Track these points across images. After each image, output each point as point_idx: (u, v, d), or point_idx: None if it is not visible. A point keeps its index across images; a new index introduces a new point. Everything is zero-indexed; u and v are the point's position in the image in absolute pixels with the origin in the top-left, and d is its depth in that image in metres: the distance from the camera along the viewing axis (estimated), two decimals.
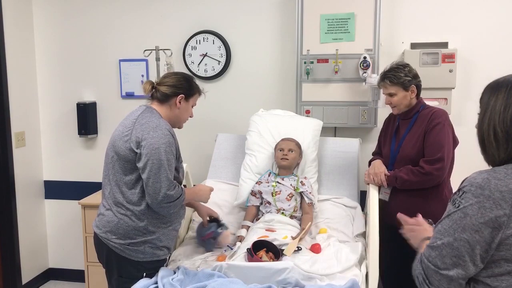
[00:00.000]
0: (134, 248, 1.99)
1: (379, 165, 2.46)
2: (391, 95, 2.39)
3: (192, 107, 2.17)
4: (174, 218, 2.09)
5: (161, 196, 1.92)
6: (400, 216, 1.53)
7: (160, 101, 2.07)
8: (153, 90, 2.08)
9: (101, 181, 3.41)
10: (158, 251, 2.05)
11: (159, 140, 1.92)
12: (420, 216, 1.51)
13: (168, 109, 2.08)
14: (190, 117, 2.20)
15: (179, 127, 2.18)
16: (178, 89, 2.07)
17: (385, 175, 2.39)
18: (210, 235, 2.18)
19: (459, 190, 1.20)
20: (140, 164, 1.93)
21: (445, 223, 1.20)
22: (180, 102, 2.08)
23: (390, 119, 2.63)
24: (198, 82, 3.26)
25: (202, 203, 2.34)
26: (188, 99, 2.11)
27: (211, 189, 2.28)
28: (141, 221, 1.99)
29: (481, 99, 1.30)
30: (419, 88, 2.40)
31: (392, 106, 2.44)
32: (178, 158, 2.07)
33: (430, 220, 1.52)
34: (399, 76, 2.34)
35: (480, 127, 1.26)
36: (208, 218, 2.34)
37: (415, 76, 2.39)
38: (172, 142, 1.98)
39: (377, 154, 2.66)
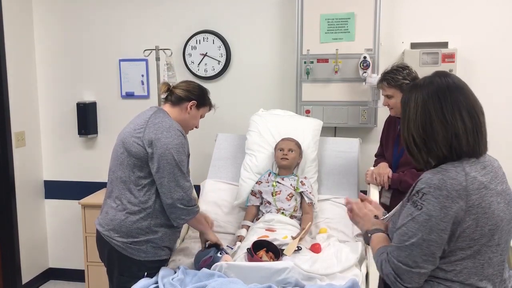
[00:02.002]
0: (137, 247, 1.99)
1: (384, 166, 2.46)
2: (388, 97, 2.39)
3: (201, 118, 2.23)
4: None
5: (176, 196, 1.96)
6: (347, 199, 1.61)
7: (172, 104, 2.12)
8: (168, 92, 2.14)
9: (101, 181, 3.47)
10: (160, 251, 2.05)
11: (172, 141, 1.95)
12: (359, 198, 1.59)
13: (179, 112, 2.11)
14: (196, 127, 2.24)
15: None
16: (192, 94, 2.13)
17: (388, 177, 2.39)
18: (208, 260, 2.02)
19: (417, 192, 1.26)
20: (153, 164, 1.95)
21: (410, 226, 1.26)
22: (191, 108, 2.12)
23: (390, 121, 2.62)
24: (198, 82, 3.29)
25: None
26: (199, 107, 2.17)
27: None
28: (145, 220, 1.99)
29: (401, 110, 1.40)
30: None
31: (390, 108, 2.43)
32: (188, 159, 2.10)
33: (384, 212, 1.58)
34: (397, 78, 2.33)
35: (402, 134, 1.37)
36: (206, 244, 2.21)
37: (414, 79, 2.36)
38: (184, 142, 2.02)
39: (379, 155, 2.66)
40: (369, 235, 1.48)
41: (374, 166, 2.59)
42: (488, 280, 1.28)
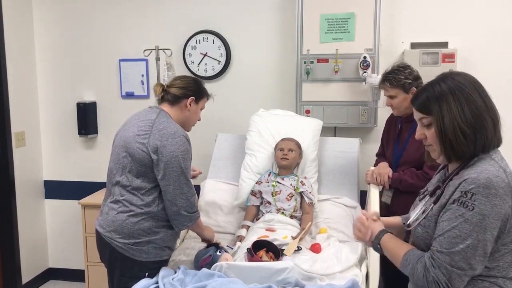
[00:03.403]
0: (138, 248, 1.99)
1: (384, 166, 2.46)
2: (391, 97, 2.38)
3: (201, 110, 2.22)
4: None
5: (180, 203, 1.97)
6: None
7: (170, 103, 2.11)
8: (163, 92, 2.12)
9: (101, 181, 3.48)
10: (161, 251, 2.05)
11: (178, 148, 1.96)
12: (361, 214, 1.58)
13: (179, 111, 2.11)
14: (198, 120, 2.24)
15: (188, 130, 2.19)
16: (188, 91, 2.12)
17: (388, 177, 2.39)
18: (207, 259, 2.04)
19: (465, 192, 1.25)
20: (159, 172, 1.95)
21: (463, 227, 1.24)
22: (190, 104, 2.12)
23: (391, 121, 2.62)
24: None
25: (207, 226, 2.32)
26: (198, 101, 2.16)
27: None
28: (147, 222, 1.99)
29: (429, 110, 1.36)
30: None
31: (393, 108, 2.43)
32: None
33: (403, 216, 1.56)
34: (399, 78, 2.33)
35: (445, 131, 1.32)
36: (206, 244, 2.24)
37: (416, 78, 2.37)
38: (189, 149, 2.03)
39: (380, 155, 2.66)
40: (378, 244, 1.47)
41: (374, 165, 2.59)
42: None
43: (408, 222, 1.47)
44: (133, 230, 1.98)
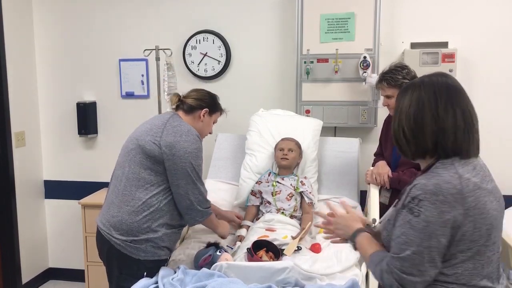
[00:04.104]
0: (136, 246, 1.99)
1: (383, 165, 2.46)
2: (388, 97, 2.38)
3: (214, 123, 2.27)
4: (179, 221, 2.11)
5: (193, 197, 2.02)
6: (317, 213, 1.67)
7: (185, 112, 2.16)
8: (179, 102, 2.17)
9: (101, 181, 3.48)
10: (160, 250, 2.05)
11: (191, 145, 2.00)
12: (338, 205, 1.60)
13: (192, 120, 2.15)
14: (210, 133, 2.28)
15: None
16: (203, 102, 2.18)
17: (388, 176, 2.39)
18: (207, 259, 2.04)
19: (413, 198, 1.25)
20: (171, 167, 1.99)
21: (409, 233, 1.24)
22: (204, 116, 2.17)
23: (389, 121, 2.62)
24: (197, 81, 3.30)
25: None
26: (211, 114, 2.22)
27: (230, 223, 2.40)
28: (147, 220, 1.99)
29: (395, 102, 1.41)
30: None
31: (389, 108, 2.43)
32: None
33: (374, 219, 1.59)
34: (397, 78, 2.33)
35: (392, 126, 1.38)
36: (205, 244, 2.24)
37: (413, 78, 2.36)
38: (201, 148, 2.07)
39: (379, 155, 2.66)
40: (354, 240, 1.49)
41: (372, 165, 2.59)
42: (488, 279, 1.29)
43: (374, 225, 1.51)
44: (132, 227, 1.98)
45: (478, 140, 1.34)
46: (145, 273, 1.99)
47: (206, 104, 2.18)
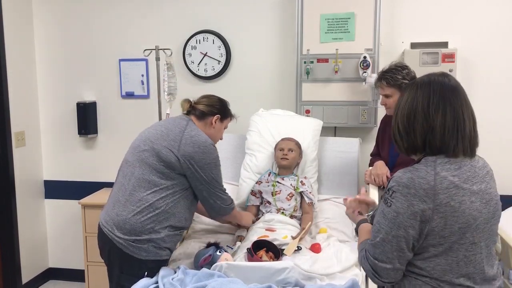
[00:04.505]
0: (138, 246, 1.98)
1: (381, 166, 2.45)
2: (387, 96, 2.38)
3: (224, 129, 2.30)
4: (183, 223, 2.11)
5: (215, 198, 2.11)
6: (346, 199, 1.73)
7: (197, 118, 2.18)
8: (190, 108, 2.19)
9: (101, 181, 3.48)
10: (161, 251, 2.05)
11: (209, 156, 2.05)
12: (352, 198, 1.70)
13: (204, 126, 2.17)
14: (220, 139, 2.30)
15: None
16: (215, 109, 2.20)
17: (387, 177, 2.39)
18: (208, 259, 2.05)
19: (388, 189, 1.34)
20: (191, 176, 2.04)
21: (381, 222, 1.34)
22: (215, 122, 2.19)
23: (386, 120, 2.62)
24: (197, 82, 3.30)
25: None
26: (223, 120, 2.25)
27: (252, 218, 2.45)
28: (151, 221, 1.99)
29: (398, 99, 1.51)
30: None
31: (387, 108, 2.43)
32: None
33: (371, 208, 1.66)
34: (397, 78, 2.33)
35: (392, 123, 1.45)
36: (206, 244, 2.26)
37: (413, 79, 2.36)
38: (218, 156, 2.13)
39: (375, 155, 2.66)
40: (356, 229, 1.59)
41: (369, 165, 2.58)
42: (467, 278, 1.31)
43: (368, 214, 1.63)
44: (135, 226, 1.98)
45: (474, 140, 1.35)
46: (146, 272, 1.99)
47: (218, 111, 2.20)
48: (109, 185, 3.44)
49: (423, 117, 1.33)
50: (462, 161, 1.33)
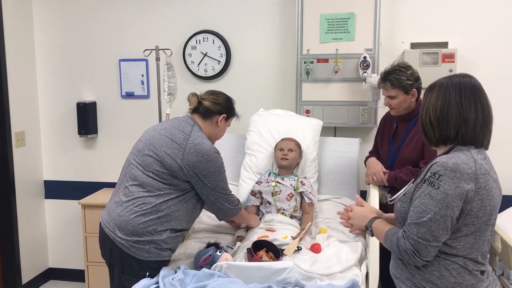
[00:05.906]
0: (140, 247, 1.98)
1: (375, 163, 2.46)
2: (391, 97, 2.38)
3: (227, 126, 2.29)
4: (184, 226, 2.11)
5: (221, 201, 2.12)
6: (340, 213, 1.80)
7: (203, 116, 2.16)
8: (198, 103, 2.17)
9: (101, 181, 3.48)
10: (163, 252, 2.04)
11: (213, 164, 2.04)
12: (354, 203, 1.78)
13: (209, 126, 2.17)
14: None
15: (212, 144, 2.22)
16: (222, 107, 2.18)
17: (383, 172, 2.40)
18: (208, 259, 2.05)
19: (434, 174, 1.43)
20: (196, 183, 2.04)
21: (427, 203, 1.43)
22: (221, 121, 2.18)
23: (386, 120, 2.62)
24: (197, 82, 3.30)
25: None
26: (228, 119, 2.24)
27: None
28: (153, 223, 1.99)
29: (423, 98, 1.62)
30: (419, 90, 2.39)
31: (391, 108, 2.43)
32: None
33: (388, 194, 1.73)
34: (401, 79, 2.32)
35: (420, 116, 1.57)
36: (205, 244, 2.26)
37: (417, 79, 2.37)
38: (222, 162, 2.11)
39: (373, 153, 2.66)
40: (369, 227, 1.65)
41: (364, 163, 2.59)
42: (483, 257, 1.50)
43: (391, 198, 1.67)
44: (137, 228, 1.98)
45: (491, 135, 1.54)
46: (147, 273, 1.99)
47: (225, 110, 2.19)
48: (109, 185, 3.45)
49: (457, 110, 1.47)
50: (484, 152, 1.51)
